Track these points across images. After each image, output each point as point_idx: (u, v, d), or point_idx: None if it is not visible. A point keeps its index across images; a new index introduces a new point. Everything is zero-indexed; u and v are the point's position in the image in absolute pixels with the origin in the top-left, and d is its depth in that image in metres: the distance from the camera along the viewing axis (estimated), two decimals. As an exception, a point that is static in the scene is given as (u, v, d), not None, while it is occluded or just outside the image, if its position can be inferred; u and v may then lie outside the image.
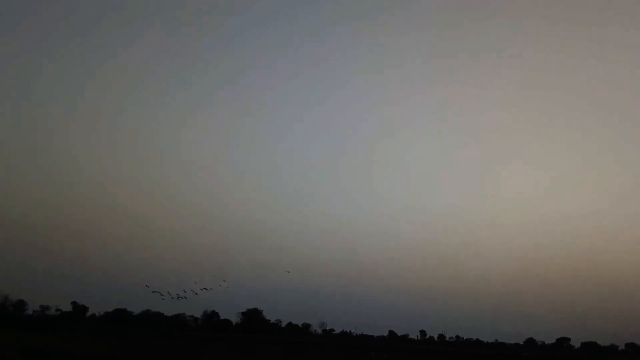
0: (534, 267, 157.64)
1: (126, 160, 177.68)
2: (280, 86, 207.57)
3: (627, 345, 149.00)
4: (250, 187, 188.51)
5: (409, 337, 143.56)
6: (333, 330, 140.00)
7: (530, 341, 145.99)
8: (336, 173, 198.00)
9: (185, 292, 56.63)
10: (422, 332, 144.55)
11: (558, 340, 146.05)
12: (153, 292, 57.42)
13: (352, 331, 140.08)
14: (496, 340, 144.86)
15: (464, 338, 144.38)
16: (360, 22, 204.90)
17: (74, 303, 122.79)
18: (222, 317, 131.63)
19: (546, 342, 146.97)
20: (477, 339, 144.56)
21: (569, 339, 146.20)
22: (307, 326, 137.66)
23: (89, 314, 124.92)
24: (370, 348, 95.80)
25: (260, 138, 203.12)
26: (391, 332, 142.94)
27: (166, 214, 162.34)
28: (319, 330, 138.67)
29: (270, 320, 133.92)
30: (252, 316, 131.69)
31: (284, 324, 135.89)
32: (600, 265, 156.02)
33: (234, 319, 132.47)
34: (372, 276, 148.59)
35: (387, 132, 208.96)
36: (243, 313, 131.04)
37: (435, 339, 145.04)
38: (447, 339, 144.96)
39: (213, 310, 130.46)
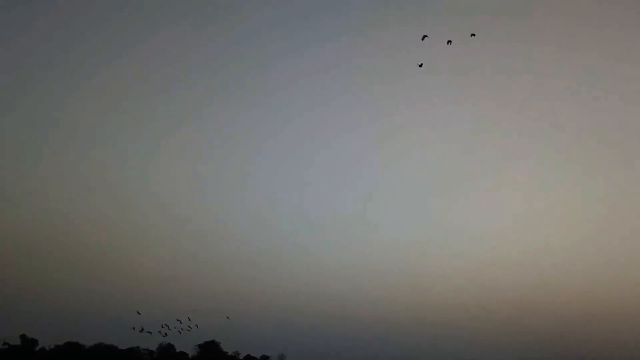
0: (491, 300, 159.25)
1: (87, 189, 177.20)
2: (246, 113, 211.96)
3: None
4: (215, 218, 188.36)
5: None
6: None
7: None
8: (301, 204, 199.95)
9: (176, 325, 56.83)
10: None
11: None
12: (141, 331, 58.09)
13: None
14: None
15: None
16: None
17: (22, 336, 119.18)
18: (178, 350, 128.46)
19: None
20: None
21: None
22: (265, 358, 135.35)
23: (38, 347, 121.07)
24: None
25: (227, 168, 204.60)
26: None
27: (126, 244, 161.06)
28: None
29: (227, 353, 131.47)
30: (210, 348, 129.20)
31: (242, 356, 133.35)
32: (554, 295, 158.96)
33: (191, 351, 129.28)
34: (334, 307, 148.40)
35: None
36: (200, 345, 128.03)
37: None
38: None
39: (169, 343, 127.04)
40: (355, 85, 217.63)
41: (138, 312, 59.22)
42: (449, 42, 48.70)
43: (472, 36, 50.35)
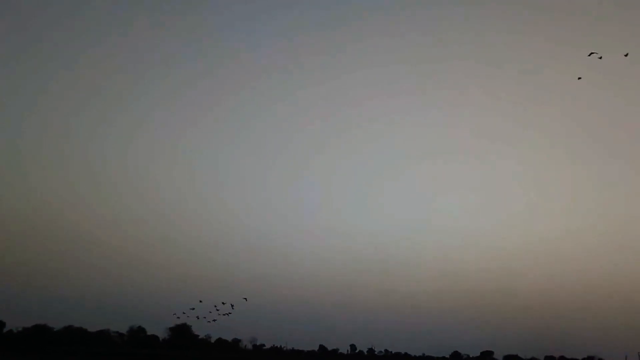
0: (460, 285, 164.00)
1: (58, 169, 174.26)
2: (219, 104, 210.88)
3: (546, 357, 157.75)
4: (188, 203, 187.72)
5: (339, 351, 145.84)
6: (263, 345, 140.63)
7: (456, 354, 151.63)
8: (265, 187, 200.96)
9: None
10: (352, 347, 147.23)
11: (482, 353, 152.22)
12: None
13: (283, 346, 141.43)
14: (423, 354, 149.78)
15: (393, 352, 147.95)
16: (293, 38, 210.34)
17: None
18: (149, 333, 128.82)
19: (471, 355, 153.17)
20: (406, 353, 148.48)
21: (492, 352, 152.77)
22: (237, 341, 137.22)
23: (5, 330, 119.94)
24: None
25: (199, 154, 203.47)
26: (321, 347, 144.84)
27: (98, 224, 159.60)
28: (250, 346, 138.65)
29: (199, 336, 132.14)
30: (181, 331, 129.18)
31: (213, 340, 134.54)
32: (519, 282, 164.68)
33: (162, 334, 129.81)
34: (303, 291, 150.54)
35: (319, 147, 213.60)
36: (171, 328, 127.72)
37: (365, 353, 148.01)
38: (376, 352, 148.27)
39: (139, 326, 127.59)
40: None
41: (200, 301, 59.08)
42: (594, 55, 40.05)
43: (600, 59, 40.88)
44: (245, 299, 57.74)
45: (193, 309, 58.35)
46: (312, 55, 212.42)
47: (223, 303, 56.38)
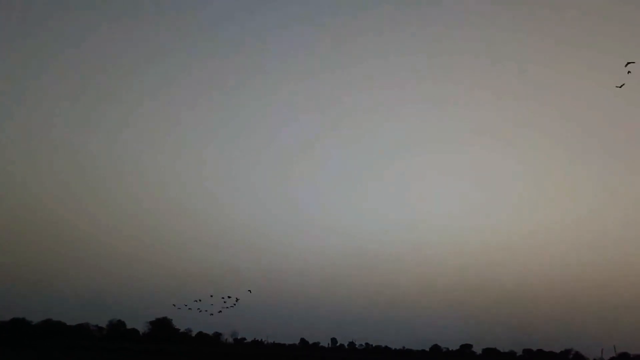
0: (439, 280, 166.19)
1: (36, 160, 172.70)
2: (204, 95, 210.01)
3: (524, 351, 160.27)
4: (170, 194, 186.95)
5: (320, 345, 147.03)
6: (244, 339, 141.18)
7: (435, 348, 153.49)
8: (252, 181, 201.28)
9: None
10: (333, 340, 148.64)
11: (462, 346, 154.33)
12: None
13: (264, 340, 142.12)
14: (404, 347, 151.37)
15: (373, 345, 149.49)
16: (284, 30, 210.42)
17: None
18: (129, 327, 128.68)
19: (450, 349, 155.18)
20: (386, 346, 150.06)
21: (471, 346, 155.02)
22: (218, 335, 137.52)
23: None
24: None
25: (188, 149, 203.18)
26: (302, 340, 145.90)
27: (80, 218, 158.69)
28: (231, 340, 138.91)
29: (180, 330, 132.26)
30: (161, 325, 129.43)
31: (194, 333, 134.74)
32: (498, 278, 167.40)
33: (142, 328, 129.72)
34: (283, 285, 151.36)
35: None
36: (151, 322, 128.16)
37: (346, 346, 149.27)
38: (357, 346, 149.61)
39: (119, 320, 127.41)
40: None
41: (211, 295, 59.69)
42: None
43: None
44: (250, 290, 61.58)
45: (200, 300, 59.20)
46: (303, 51, 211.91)
47: (229, 296, 58.13)
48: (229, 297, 58.39)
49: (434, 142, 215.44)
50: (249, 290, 60.66)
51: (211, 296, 58.87)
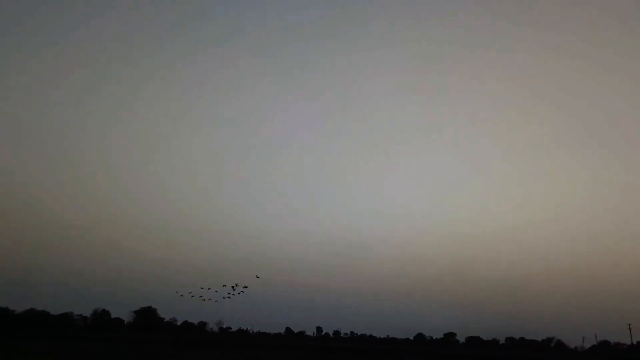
0: (424, 269, 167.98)
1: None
2: (192, 88, 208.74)
3: (507, 339, 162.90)
4: (159, 186, 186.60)
5: (306, 333, 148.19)
6: (230, 328, 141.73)
7: (419, 336, 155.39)
8: (241, 173, 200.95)
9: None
10: (319, 329, 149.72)
11: (445, 335, 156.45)
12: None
13: (249, 329, 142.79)
14: (388, 335, 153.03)
15: (358, 334, 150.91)
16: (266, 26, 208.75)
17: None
18: (113, 316, 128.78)
19: (434, 337, 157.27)
20: (371, 335, 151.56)
21: (455, 334, 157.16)
22: (203, 324, 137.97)
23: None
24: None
25: (173, 137, 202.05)
26: (288, 329, 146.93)
27: (63, 206, 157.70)
28: (216, 329, 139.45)
29: (165, 319, 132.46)
30: (146, 314, 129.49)
31: (179, 322, 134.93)
32: (481, 267, 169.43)
33: (126, 317, 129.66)
34: (268, 273, 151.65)
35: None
36: (136, 311, 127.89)
37: (331, 335, 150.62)
38: (342, 335, 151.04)
39: (103, 309, 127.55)
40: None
41: (224, 285, 59.03)
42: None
43: None
44: (258, 276, 59.19)
45: (209, 288, 59.40)
46: (289, 41, 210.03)
47: (237, 284, 58.19)
48: (237, 284, 58.67)
49: (422, 131, 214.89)
50: (257, 276, 58.17)
51: (224, 286, 58.77)
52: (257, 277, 53.90)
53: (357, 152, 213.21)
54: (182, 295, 58.10)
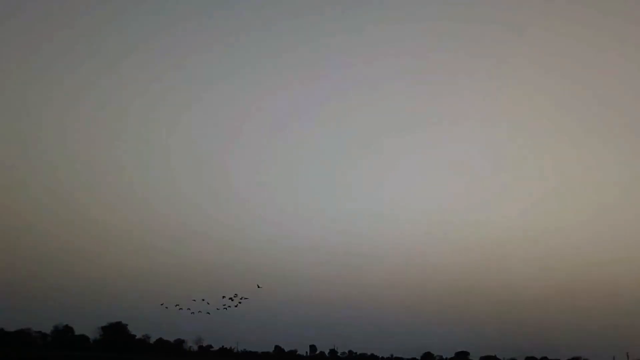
0: (432, 279, 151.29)
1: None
2: (167, 73, 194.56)
3: (527, 358, 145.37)
4: (133, 184, 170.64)
5: (298, 353, 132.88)
6: (211, 346, 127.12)
7: (427, 356, 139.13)
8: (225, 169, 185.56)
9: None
10: (312, 347, 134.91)
11: (457, 354, 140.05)
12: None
13: (233, 348, 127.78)
14: (392, 355, 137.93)
15: (358, 353, 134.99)
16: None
17: None
18: (77, 333, 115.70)
19: (445, 357, 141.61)
20: (372, 354, 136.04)
21: (468, 353, 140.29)
22: (180, 342, 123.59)
23: None
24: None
25: (146, 129, 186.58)
26: (278, 348, 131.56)
27: (22, 207, 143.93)
28: (195, 347, 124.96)
29: (136, 336, 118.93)
30: (115, 331, 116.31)
31: (153, 340, 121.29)
32: (498, 277, 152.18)
33: (92, 334, 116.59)
34: (254, 283, 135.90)
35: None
36: (103, 328, 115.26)
37: (327, 354, 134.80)
38: (339, 354, 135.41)
39: (66, 325, 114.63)
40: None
41: (223, 296, 54.46)
42: None
43: None
44: (259, 286, 53.87)
45: (203, 299, 53.68)
46: (273, 23, 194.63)
47: (236, 295, 53.53)
48: (235, 295, 52.72)
49: (433, 121, 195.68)
50: (258, 285, 53.13)
51: (223, 297, 53.86)
52: (258, 286, 52.75)
53: (355, 145, 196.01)
54: (167, 308, 55.61)
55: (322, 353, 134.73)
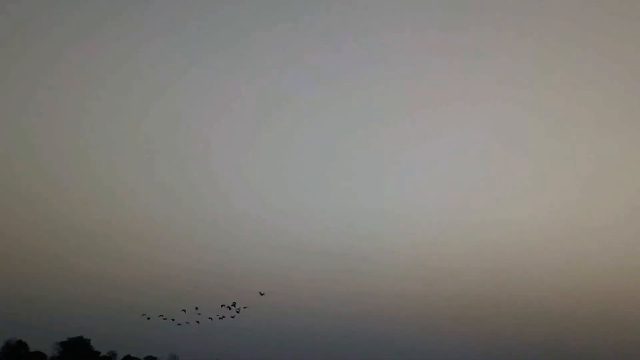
0: (445, 288, 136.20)
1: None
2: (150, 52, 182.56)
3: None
4: (99, 177, 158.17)
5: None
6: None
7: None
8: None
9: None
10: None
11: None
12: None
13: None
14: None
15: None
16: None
17: None
18: (31, 349, 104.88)
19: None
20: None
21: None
22: (152, 359, 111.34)
23: None
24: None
25: (123, 116, 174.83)
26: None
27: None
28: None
29: (100, 353, 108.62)
30: (75, 347, 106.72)
31: (119, 358, 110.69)
32: (520, 284, 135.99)
33: (50, 351, 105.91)
34: (239, 293, 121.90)
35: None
36: (62, 343, 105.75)
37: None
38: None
39: (19, 340, 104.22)
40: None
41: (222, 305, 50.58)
42: None
43: None
44: (262, 293, 49.65)
45: (196, 308, 50.07)
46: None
47: (234, 304, 50.50)
48: (233, 304, 49.37)
49: (444, 104, 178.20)
50: (261, 293, 49.24)
51: (222, 306, 50.18)
52: (261, 293, 48.67)
53: (356, 132, 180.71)
54: (149, 319, 50.86)
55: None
